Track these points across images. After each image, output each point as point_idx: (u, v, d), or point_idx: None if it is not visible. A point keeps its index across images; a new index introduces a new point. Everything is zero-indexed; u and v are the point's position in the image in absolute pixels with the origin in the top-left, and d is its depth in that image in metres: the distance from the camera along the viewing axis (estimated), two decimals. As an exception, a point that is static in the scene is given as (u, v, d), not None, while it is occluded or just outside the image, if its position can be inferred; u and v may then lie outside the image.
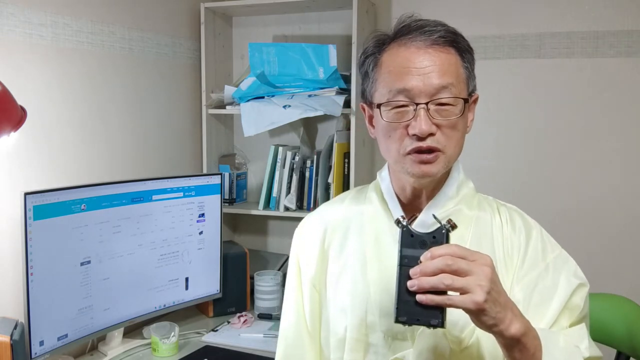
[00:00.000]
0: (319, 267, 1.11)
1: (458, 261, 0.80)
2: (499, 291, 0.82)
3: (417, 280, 0.80)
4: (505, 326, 0.81)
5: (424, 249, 0.82)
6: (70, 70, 1.73)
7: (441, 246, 0.82)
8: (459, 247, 0.82)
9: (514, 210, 1.08)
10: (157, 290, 1.87)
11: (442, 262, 0.79)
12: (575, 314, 0.98)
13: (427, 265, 0.80)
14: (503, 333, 0.82)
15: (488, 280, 0.79)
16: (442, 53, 0.96)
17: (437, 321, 0.81)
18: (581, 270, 1.02)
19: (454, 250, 0.81)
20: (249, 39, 2.38)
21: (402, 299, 0.82)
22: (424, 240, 0.84)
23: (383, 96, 0.97)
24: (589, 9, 1.99)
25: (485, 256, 0.82)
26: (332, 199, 1.20)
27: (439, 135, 0.95)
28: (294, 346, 1.12)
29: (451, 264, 0.79)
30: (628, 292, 1.57)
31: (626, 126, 1.99)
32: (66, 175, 1.72)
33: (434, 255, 0.81)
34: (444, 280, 0.78)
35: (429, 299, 0.79)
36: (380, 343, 1.01)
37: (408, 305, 0.81)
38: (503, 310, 0.81)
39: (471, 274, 0.79)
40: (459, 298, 0.79)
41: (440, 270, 0.79)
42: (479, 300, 0.78)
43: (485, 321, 0.80)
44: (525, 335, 0.83)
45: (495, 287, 0.80)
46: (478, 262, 0.81)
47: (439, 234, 0.84)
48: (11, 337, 1.36)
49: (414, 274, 0.81)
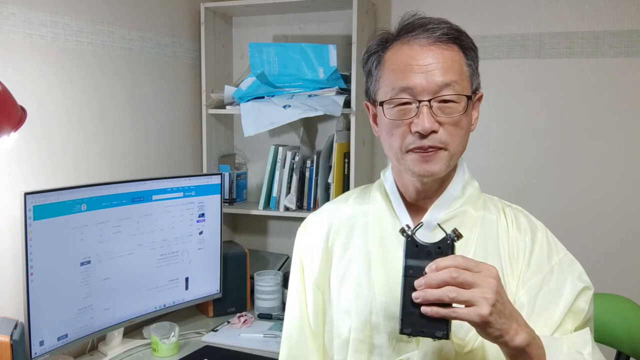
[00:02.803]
0: (323, 267, 1.10)
1: (463, 273, 0.79)
2: (504, 302, 0.81)
3: (422, 292, 0.79)
4: (510, 337, 0.81)
5: (429, 259, 0.82)
6: (70, 70, 1.73)
7: (446, 257, 0.81)
8: (465, 258, 0.81)
9: (519, 211, 1.07)
10: (157, 290, 1.87)
11: (447, 275, 0.79)
12: (580, 318, 0.98)
13: (432, 277, 0.80)
14: (508, 344, 0.81)
15: (493, 293, 0.79)
16: (446, 50, 0.95)
17: (442, 333, 0.81)
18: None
19: (459, 262, 0.80)
20: (249, 39, 2.38)
21: (407, 310, 0.81)
22: (429, 250, 0.83)
23: (386, 94, 0.97)
24: (589, 9, 1.99)
25: (490, 267, 0.82)
26: (335, 199, 1.20)
27: (442, 133, 0.94)
28: (297, 347, 1.12)
29: (456, 276, 0.78)
30: (628, 292, 1.57)
31: (626, 126, 1.99)
32: (66, 175, 1.72)
33: (439, 266, 0.80)
34: (449, 293, 0.78)
35: (434, 311, 0.79)
36: (384, 344, 1.01)
37: (412, 317, 0.81)
38: (508, 322, 0.81)
39: (476, 286, 0.79)
40: (464, 311, 0.79)
41: (445, 282, 0.79)
42: (484, 313, 0.77)
43: (490, 333, 0.80)
44: (529, 345, 0.83)
45: (500, 298, 0.80)
46: (483, 273, 0.80)
47: (444, 245, 0.83)
48: (11, 337, 1.36)
49: (419, 286, 0.80)
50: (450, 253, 0.83)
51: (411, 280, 0.81)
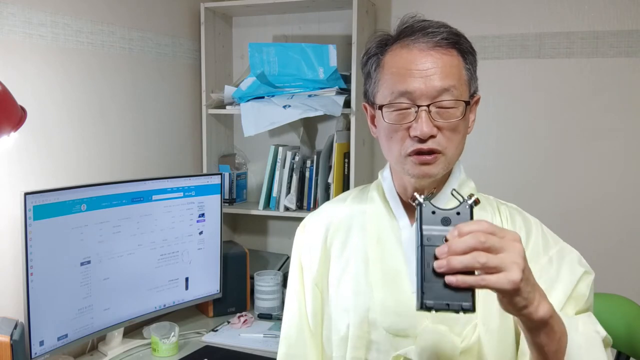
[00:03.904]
0: (321, 266, 1.11)
1: (490, 237, 0.73)
2: (530, 269, 0.76)
3: (445, 260, 0.72)
4: (534, 308, 0.76)
5: (448, 226, 0.75)
6: (70, 70, 1.73)
7: (469, 222, 0.75)
8: (489, 223, 0.75)
9: (514, 209, 1.08)
10: (157, 290, 1.87)
11: (474, 239, 0.72)
12: (581, 303, 0.98)
13: (456, 242, 0.72)
14: (532, 315, 0.77)
15: (522, 258, 0.74)
16: (445, 55, 0.96)
17: (469, 304, 0.72)
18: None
19: (484, 226, 0.74)
20: (249, 39, 2.38)
21: (427, 283, 0.73)
22: (446, 217, 0.76)
23: (385, 98, 0.98)
24: (589, 9, 1.99)
25: (513, 232, 0.77)
26: (333, 198, 1.21)
27: (440, 137, 0.95)
28: (296, 345, 1.13)
29: (484, 240, 0.72)
30: (628, 292, 1.57)
31: (626, 126, 1.99)
32: (66, 175, 1.72)
33: (462, 232, 0.73)
34: (479, 259, 0.71)
35: (460, 280, 0.71)
36: (382, 340, 1.01)
37: (434, 290, 0.73)
38: (533, 291, 0.76)
39: (504, 251, 0.73)
40: (493, 277, 0.72)
41: (472, 247, 0.72)
42: (516, 279, 0.72)
43: (517, 302, 0.75)
44: (552, 317, 0.79)
45: (527, 264, 0.75)
46: (508, 237, 0.75)
47: (464, 210, 0.76)
48: (11, 337, 1.36)
49: (441, 254, 0.73)
50: (470, 218, 0.76)
51: (430, 249, 0.74)
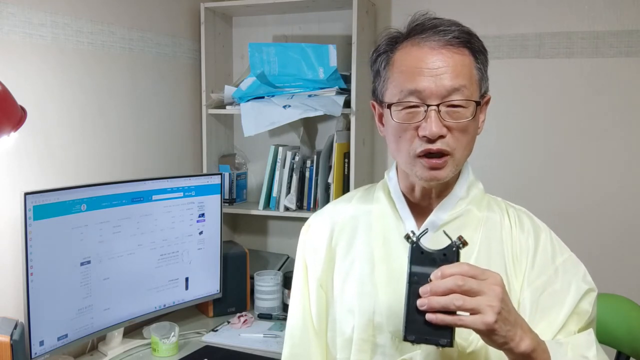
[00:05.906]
0: (326, 267, 1.10)
1: (469, 281, 0.79)
2: (509, 310, 0.81)
3: (427, 299, 0.79)
4: (515, 344, 0.81)
5: (434, 266, 0.81)
6: (70, 70, 1.73)
7: (452, 265, 0.81)
8: (470, 266, 0.81)
9: (522, 212, 1.07)
10: (157, 290, 1.87)
11: (453, 282, 0.79)
12: (584, 320, 0.98)
13: (437, 284, 0.79)
14: (513, 350, 0.82)
15: (499, 300, 0.79)
16: (456, 54, 0.94)
17: (446, 341, 0.80)
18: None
19: (465, 269, 0.80)
20: (249, 39, 2.38)
21: (411, 317, 0.81)
22: (434, 257, 0.83)
23: (394, 96, 0.96)
24: (589, 9, 1.99)
25: (495, 275, 0.82)
26: (338, 198, 1.19)
27: (449, 138, 0.94)
28: (300, 346, 1.12)
29: (462, 284, 0.78)
30: (628, 292, 1.57)
31: (626, 126, 1.99)
32: (66, 175, 1.72)
33: (445, 274, 0.80)
34: (455, 301, 0.78)
35: (439, 319, 0.79)
36: (387, 344, 1.01)
37: (417, 324, 0.81)
38: (513, 329, 0.81)
39: (482, 294, 0.79)
40: (469, 319, 0.79)
41: (451, 290, 0.78)
42: (490, 321, 0.78)
43: (495, 340, 0.80)
44: (534, 350, 0.83)
45: (505, 306, 0.80)
46: (488, 281, 0.80)
47: (450, 252, 0.83)
48: (11, 337, 1.36)
49: (424, 293, 0.80)
50: (455, 260, 0.83)
51: (416, 287, 0.81)
